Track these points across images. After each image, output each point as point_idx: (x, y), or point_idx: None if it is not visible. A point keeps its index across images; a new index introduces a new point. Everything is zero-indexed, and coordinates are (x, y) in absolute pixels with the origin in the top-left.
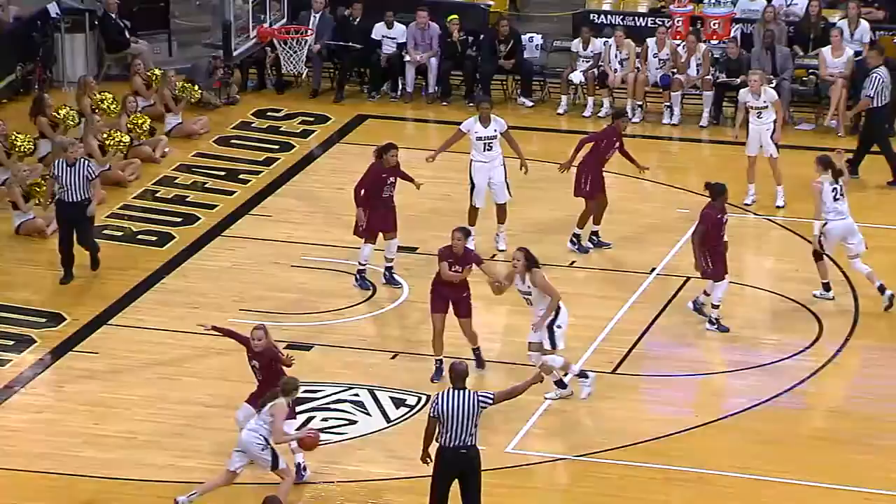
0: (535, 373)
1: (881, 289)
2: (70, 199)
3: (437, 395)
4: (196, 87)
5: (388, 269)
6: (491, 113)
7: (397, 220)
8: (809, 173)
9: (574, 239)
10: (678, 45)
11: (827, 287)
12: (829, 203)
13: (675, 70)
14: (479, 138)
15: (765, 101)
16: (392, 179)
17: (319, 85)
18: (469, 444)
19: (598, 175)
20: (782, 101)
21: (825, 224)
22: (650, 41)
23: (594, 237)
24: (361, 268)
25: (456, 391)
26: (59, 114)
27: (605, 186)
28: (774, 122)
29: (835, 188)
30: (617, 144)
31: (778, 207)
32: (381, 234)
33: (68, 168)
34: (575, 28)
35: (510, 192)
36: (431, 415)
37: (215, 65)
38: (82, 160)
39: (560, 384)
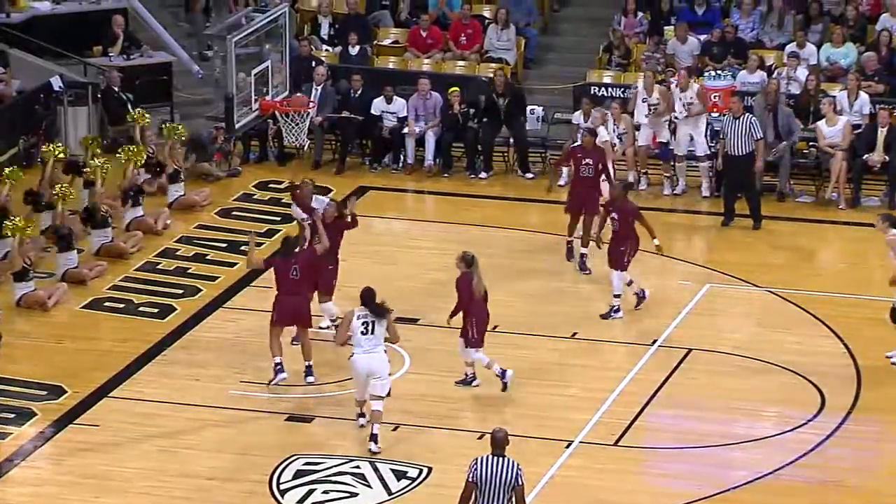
0: None
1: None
2: None
3: (476, 460)
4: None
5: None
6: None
7: None
8: (810, 244)
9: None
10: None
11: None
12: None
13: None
14: None
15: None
16: None
17: (321, 156)
18: None
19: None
20: (783, 173)
21: None
22: (639, 84)
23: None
24: None
25: (495, 458)
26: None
27: (578, 206)
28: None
29: None
30: (586, 161)
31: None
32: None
33: None
34: (576, 100)
35: None
36: (470, 479)
37: (215, 135)
38: None
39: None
